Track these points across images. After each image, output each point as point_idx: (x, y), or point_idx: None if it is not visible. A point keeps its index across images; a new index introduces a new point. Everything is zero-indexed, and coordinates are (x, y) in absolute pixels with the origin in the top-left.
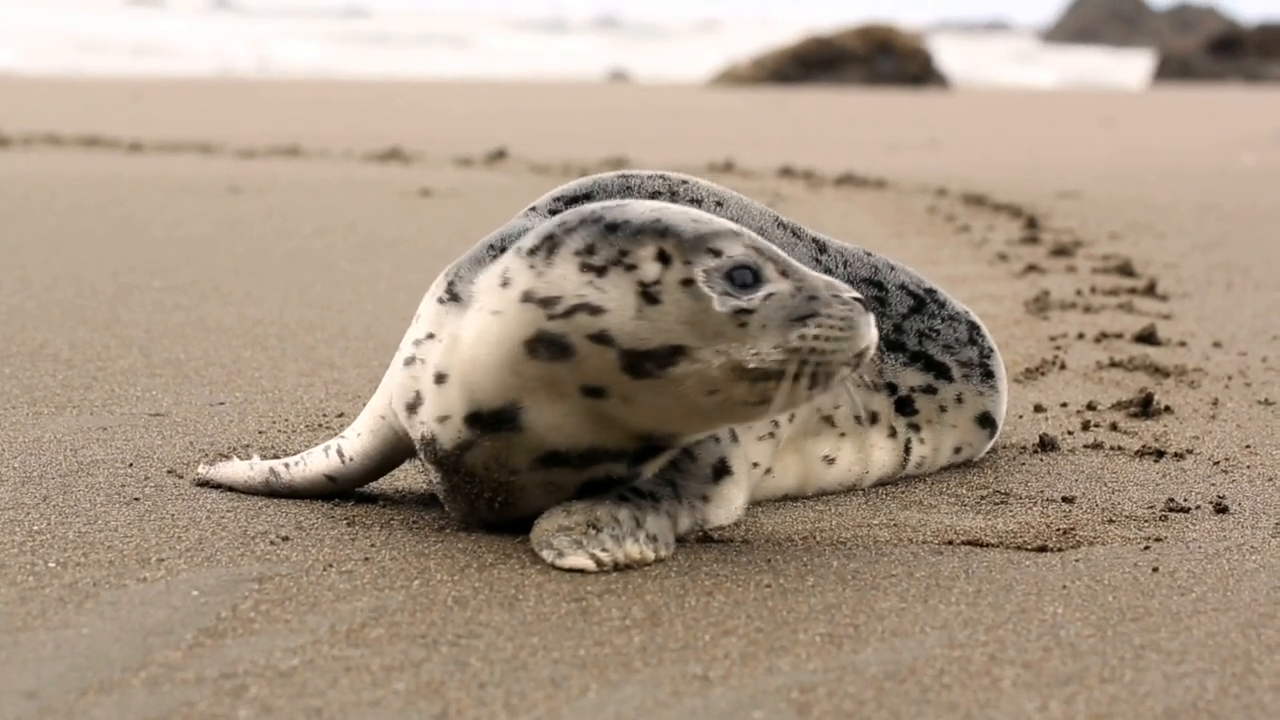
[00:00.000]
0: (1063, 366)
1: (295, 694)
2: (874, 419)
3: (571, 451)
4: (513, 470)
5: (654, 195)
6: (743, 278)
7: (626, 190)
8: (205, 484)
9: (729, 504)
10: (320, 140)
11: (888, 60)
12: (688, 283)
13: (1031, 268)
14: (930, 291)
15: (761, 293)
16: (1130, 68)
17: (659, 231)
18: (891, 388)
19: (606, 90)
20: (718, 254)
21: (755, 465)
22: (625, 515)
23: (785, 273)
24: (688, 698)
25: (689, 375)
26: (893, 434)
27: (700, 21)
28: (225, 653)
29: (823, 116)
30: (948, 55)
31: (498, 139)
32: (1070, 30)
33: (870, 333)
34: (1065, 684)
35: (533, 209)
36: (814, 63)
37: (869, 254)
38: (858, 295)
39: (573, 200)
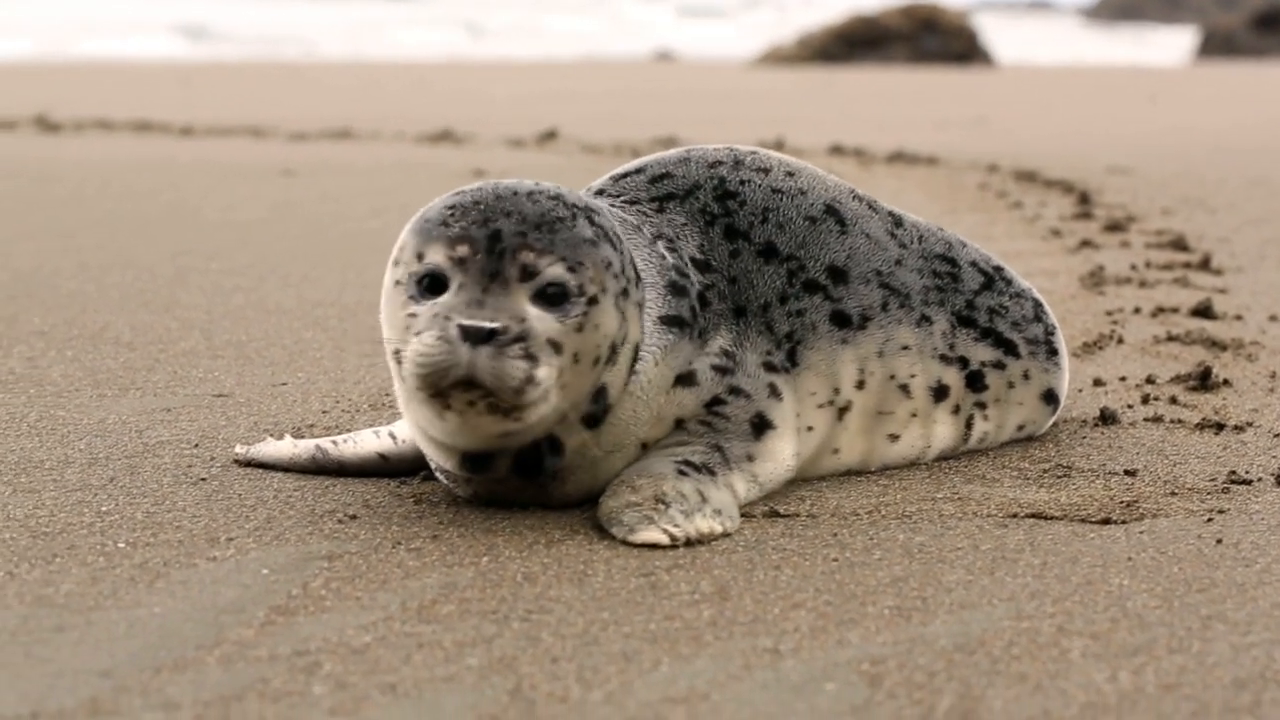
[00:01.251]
0: (1120, 341)
1: (369, 670)
2: (944, 392)
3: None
4: None
5: (714, 165)
6: (431, 284)
7: (684, 162)
8: (246, 464)
9: (775, 458)
10: (371, 122)
11: (933, 38)
12: (397, 283)
13: (1085, 243)
14: (998, 269)
15: (429, 302)
16: (1174, 44)
17: (407, 232)
18: (963, 361)
19: (654, 70)
20: (421, 258)
21: (810, 429)
22: (690, 490)
23: (462, 288)
24: (759, 670)
25: (396, 370)
26: (956, 410)
27: (745, 1)
28: (298, 630)
29: (870, 95)
30: (992, 33)
31: (548, 120)
32: (1114, 8)
33: (466, 361)
34: (1134, 655)
35: (599, 192)
36: (859, 41)
37: (941, 230)
38: (479, 325)
39: (622, 177)
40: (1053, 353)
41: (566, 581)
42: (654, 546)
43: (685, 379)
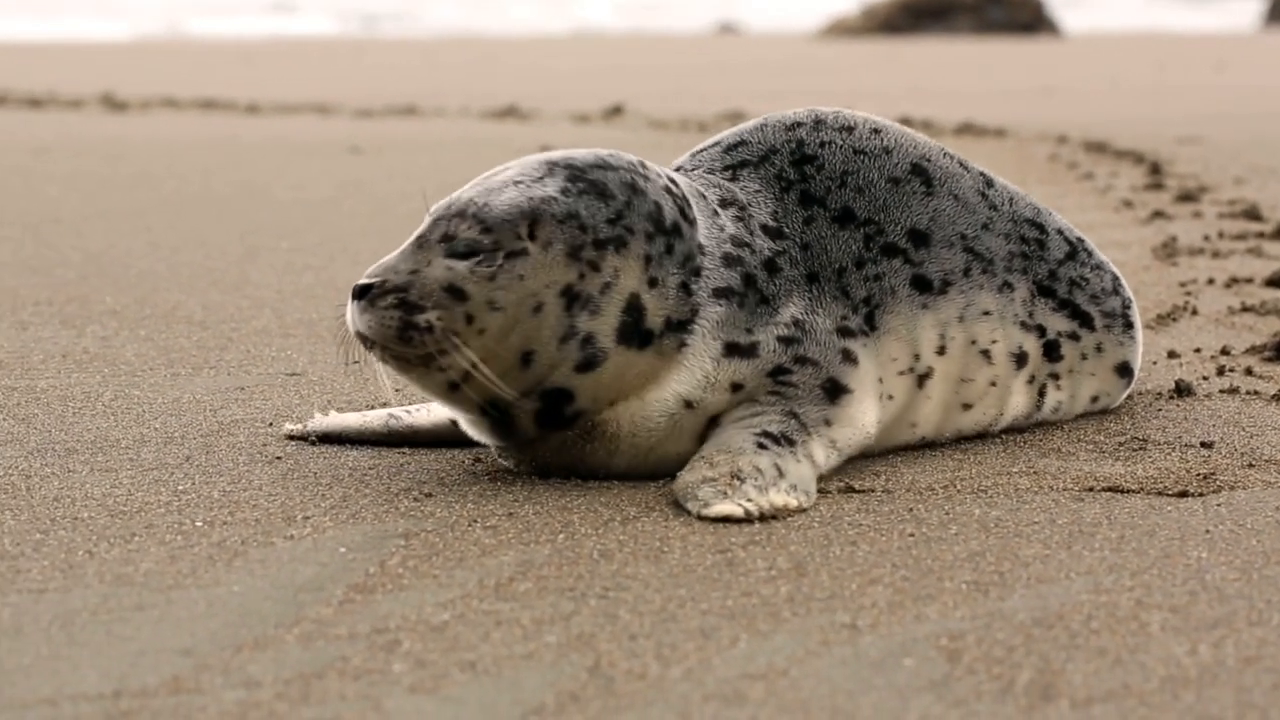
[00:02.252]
0: (1194, 312)
1: (448, 648)
2: (1023, 359)
3: None
4: None
5: (793, 127)
6: None
7: (761, 128)
8: (300, 438)
9: (854, 423)
10: (436, 99)
11: (998, 8)
12: None
13: (1157, 214)
14: (1080, 240)
15: None
16: (1241, 11)
17: None
18: (1041, 330)
19: (717, 43)
20: None
21: (891, 398)
22: (767, 464)
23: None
24: (837, 646)
25: None
26: (1031, 379)
27: None
28: (376, 608)
29: (935, 66)
30: (1057, 2)
31: (613, 94)
32: None
33: (352, 320)
34: (1213, 628)
35: (679, 168)
36: (923, 12)
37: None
38: (362, 283)
39: (701, 151)
40: (1128, 326)
41: (643, 558)
42: (728, 520)
43: (740, 349)
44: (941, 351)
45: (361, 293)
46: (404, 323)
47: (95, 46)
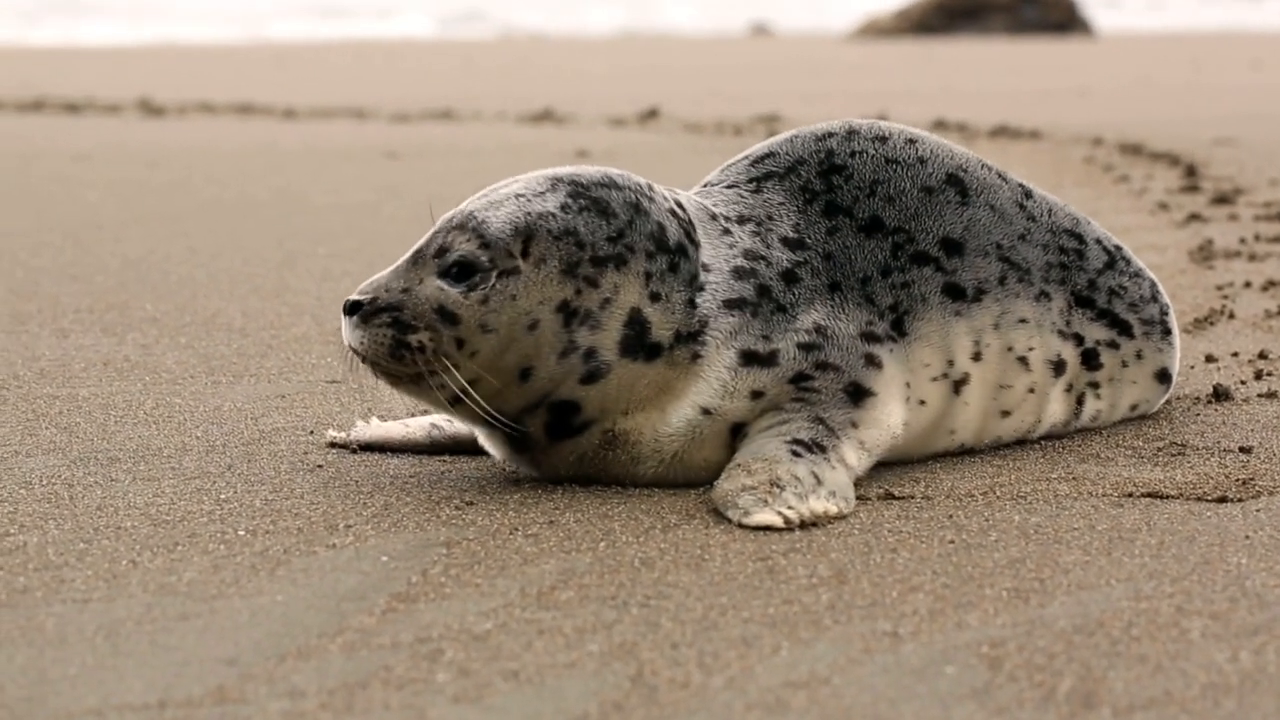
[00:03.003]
0: (1231, 316)
1: (491, 657)
2: (1061, 368)
3: None
4: None
5: (823, 138)
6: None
7: (791, 139)
8: (341, 446)
9: (880, 424)
10: (472, 103)
11: (1032, 8)
12: None
13: (1193, 216)
14: (1119, 248)
15: None
16: (1275, 8)
17: None
18: (1079, 339)
19: (751, 45)
20: None
21: (923, 403)
22: (804, 473)
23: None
24: (879, 654)
25: None
26: (1069, 388)
27: None
28: (419, 617)
29: (970, 67)
30: (1090, 2)
31: (648, 98)
32: None
33: (346, 335)
34: (1254, 634)
35: (707, 184)
36: (957, 12)
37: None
38: (353, 299)
39: (730, 165)
40: (1167, 332)
41: (684, 566)
42: (769, 529)
43: (759, 357)
44: (977, 358)
45: (353, 309)
46: (396, 341)
47: (130, 50)
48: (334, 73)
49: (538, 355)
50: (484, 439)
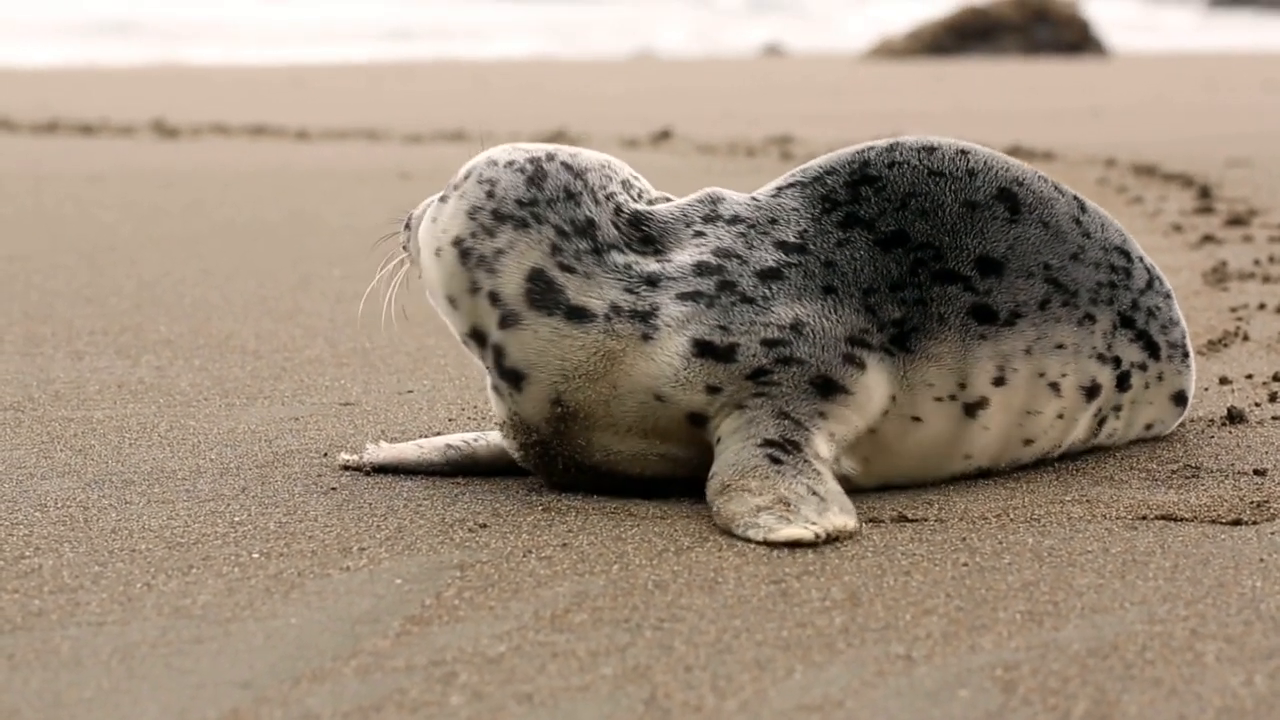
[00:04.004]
0: (1245, 338)
1: (505, 680)
2: (1095, 392)
3: None
4: None
5: (865, 149)
6: None
7: (837, 152)
8: (355, 468)
9: (848, 422)
10: (484, 124)
11: (1045, 29)
12: None
13: (1207, 238)
14: (1152, 266)
15: None
16: None
17: None
18: (1117, 361)
19: (763, 65)
20: None
21: (918, 420)
22: (804, 490)
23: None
24: (892, 678)
25: None
26: (1099, 411)
27: None
28: (433, 640)
29: (982, 87)
30: (1104, 21)
31: (660, 118)
32: None
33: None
34: (1269, 658)
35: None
36: (969, 33)
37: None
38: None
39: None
40: (1186, 355)
41: (698, 589)
42: (798, 545)
43: (713, 349)
44: (1000, 382)
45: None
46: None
47: (144, 70)
48: (347, 94)
49: (450, 284)
50: (452, 439)
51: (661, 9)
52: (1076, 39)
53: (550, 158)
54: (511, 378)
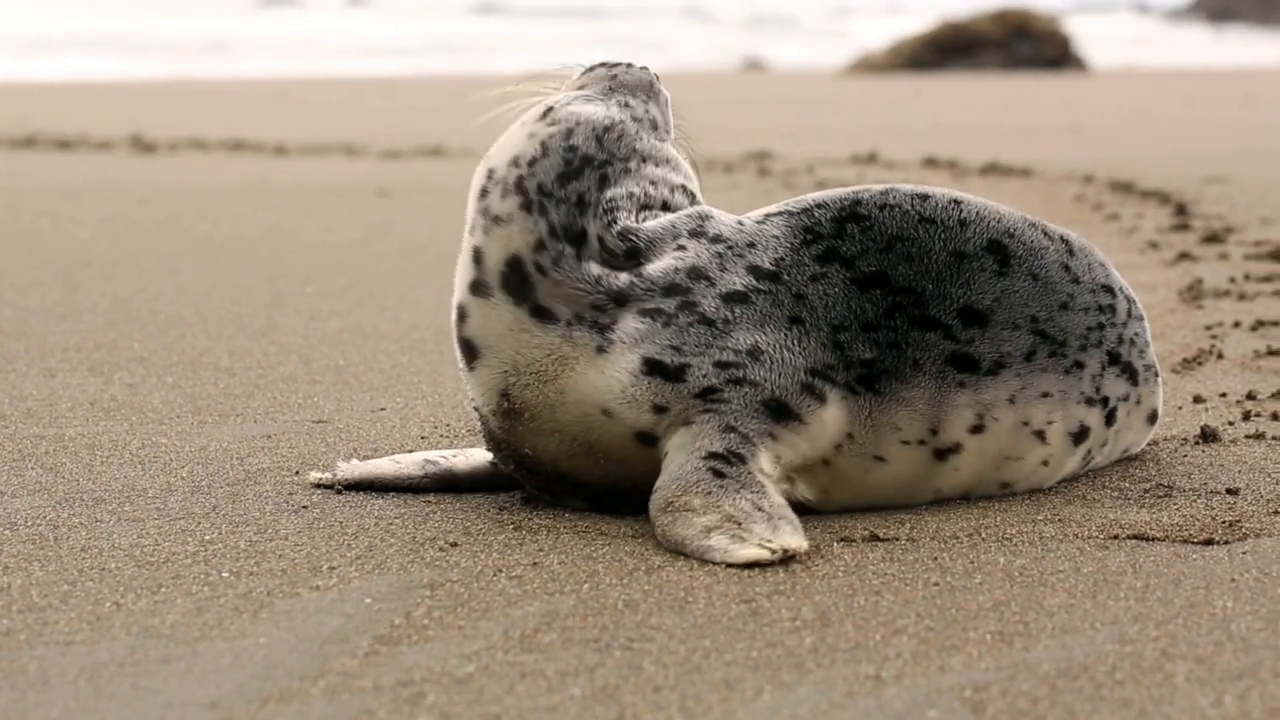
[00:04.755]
0: (1220, 356)
1: (473, 700)
2: (1084, 435)
3: None
4: None
5: (860, 190)
6: None
7: (833, 190)
8: (327, 486)
9: (796, 449)
10: (462, 139)
11: (1025, 44)
12: None
13: (1183, 255)
14: (1129, 293)
15: None
16: (1270, 46)
17: None
18: (1105, 401)
19: (743, 80)
20: None
21: (881, 460)
22: (747, 504)
23: None
24: (862, 698)
25: None
26: (1088, 452)
27: (832, 10)
28: (401, 660)
29: (962, 104)
30: (1085, 36)
31: None
32: (1208, 7)
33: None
34: (1239, 678)
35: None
36: (950, 49)
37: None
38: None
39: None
40: (1156, 374)
41: (668, 609)
42: (756, 565)
43: (663, 368)
44: (978, 430)
45: None
46: None
47: (124, 85)
48: (325, 109)
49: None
50: (430, 454)
51: (646, 25)
52: (1057, 55)
53: (589, 156)
54: (466, 349)
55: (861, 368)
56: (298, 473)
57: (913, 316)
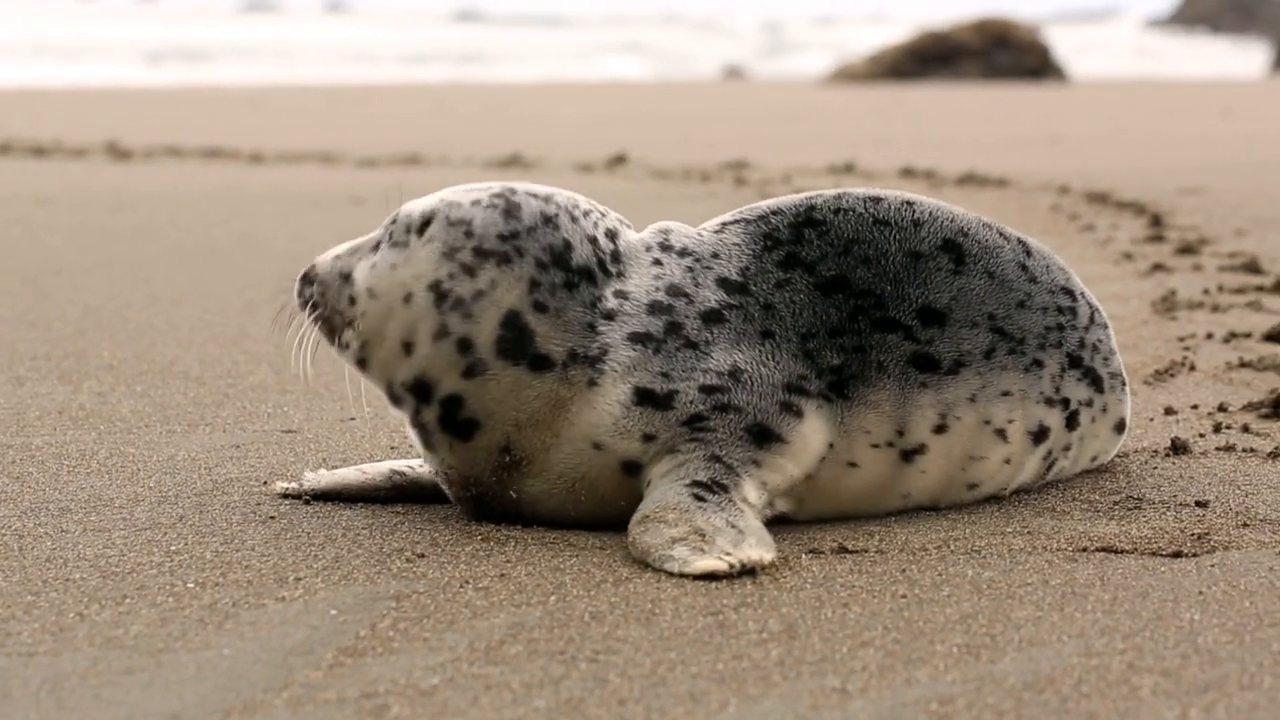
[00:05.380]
0: (1192, 368)
1: (437, 713)
2: (1044, 435)
3: None
4: None
5: (814, 195)
6: None
7: (788, 197)
8: (294, 496)
9: (783, 471)
10: (439, 148)
11: (1005, 53)
12: None
13: (1157, 266)
14: (1092, 300)
15: None
16: (1249, 57)
17: None
18: (1065, 403)
19: (723, 90)
20: None
21: (854, 466)
22: (722, 523)
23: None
24: (827, 711)
25: None
26: (1048, 454)
27: (814, 19)
28: (366, 672)
29: (941, 114)
30: (1065, 46)
31: (616, 143)
32: (1188, 18)
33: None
34: (1204, 691)
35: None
36: (930, 58)
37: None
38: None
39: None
40: (1124, 382)
41: (634, 621)
42: (713, 577)
43: (653, 397)
44: (941, 430)
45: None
46: (299, 292)
47: (101, 91)
48: (302, 116)
49: (415, 331)
50: (396, 464)
51: (624, 32)
52: (1037, 64)
53: (512, 190)
54: (462, 429)
55: (831, 374)
56: (266, 483)
57: (874, 319)
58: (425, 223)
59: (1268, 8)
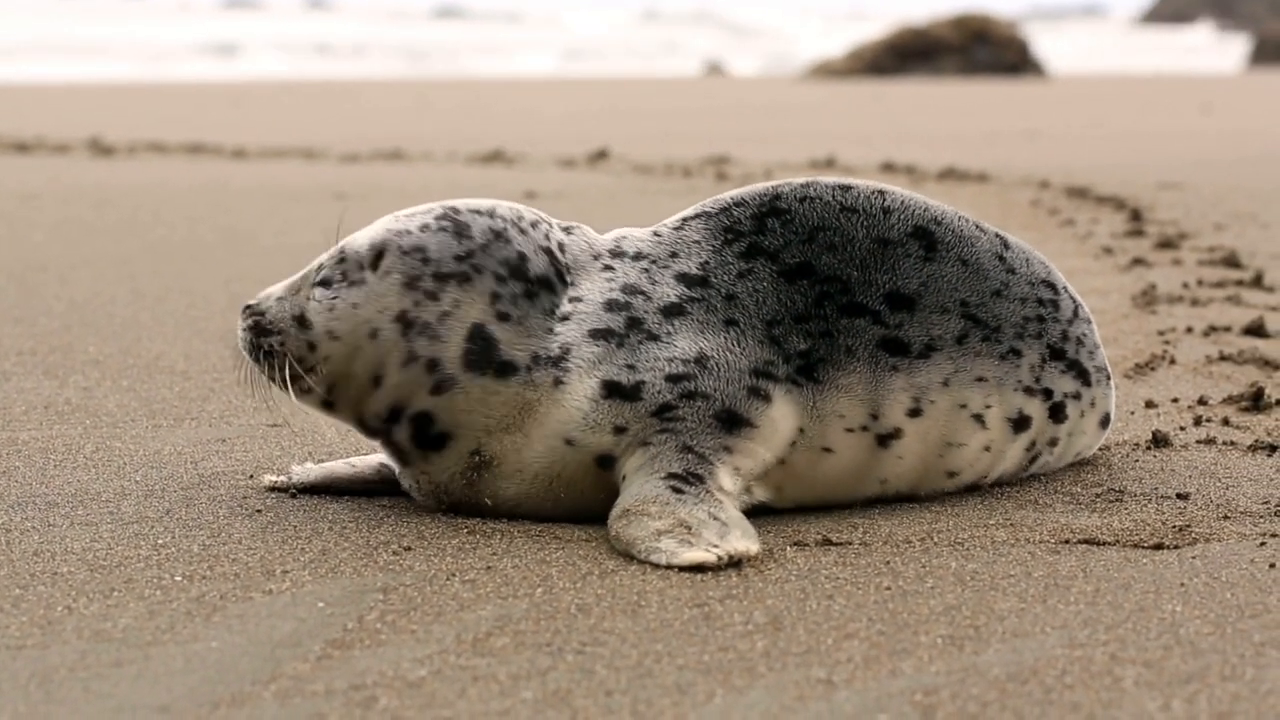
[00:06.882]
0: (1172, 361)
1: (425, 704)
2: (1025, 424)
3: None
4: None
5: (779, 185)
6: None
7: (751, 188)
8: (282, 489)
9: (755, 456)
10: (422, 143)
11: (984, 50)
12: None
13: (1137, 261)
14: (1075, 294)
15: None
16: (1227, 51)
17: None
18: (1048, 393)
19: (704, 85)
20: None
21: (829, 451)
22: (705, 515)
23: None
24: (812, 702)
25: None
26: (1031, 444)
27: (793, 14)
28: (354, 664)
29: (920, 109)
30: (1043, 42)
31: (598, 138)
32: (1166, 13)
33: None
34: (1187, 682)
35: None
36: (909, 54)
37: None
38: (248, 301)
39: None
40: (1108, 376)
41: (620, 613)
42: (701, 569)
43: (621, 389)
44: (916, 414)
45: (245, 310)
46: (253, 344)
47: (84, 87)
48: (285, 112)
49: (383, 363)
50: (385, 457)
51: (605, 29)
52: (1016, 60)
53: (455, 209)
54: (434, 442)
55: (799, 359)
56: (252, 476)
57: (841, 304)
58: (377, 255)
59: (1245, 3)
